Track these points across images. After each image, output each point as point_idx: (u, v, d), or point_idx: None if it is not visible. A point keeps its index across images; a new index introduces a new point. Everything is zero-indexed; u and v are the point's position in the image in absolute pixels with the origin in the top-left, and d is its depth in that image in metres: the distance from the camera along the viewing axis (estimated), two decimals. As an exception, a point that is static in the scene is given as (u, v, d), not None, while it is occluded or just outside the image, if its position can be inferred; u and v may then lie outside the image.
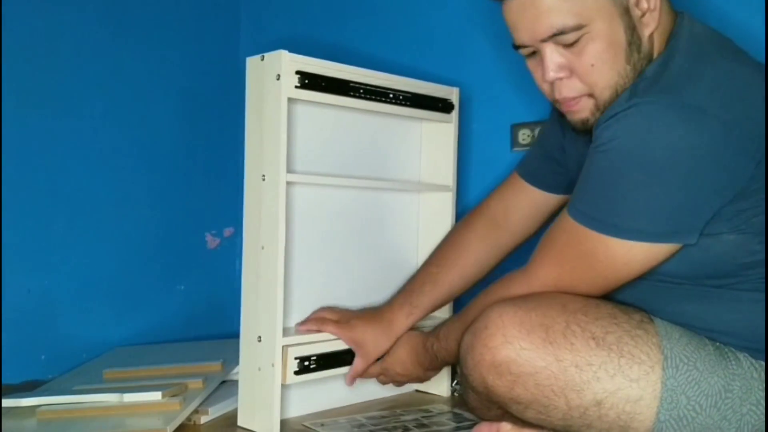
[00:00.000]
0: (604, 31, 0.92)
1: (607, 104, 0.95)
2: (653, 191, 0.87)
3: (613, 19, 0.92)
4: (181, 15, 1.87)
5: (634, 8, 0.93)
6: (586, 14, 0.91)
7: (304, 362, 1.21)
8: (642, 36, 0.94)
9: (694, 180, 0.86)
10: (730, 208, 0.88)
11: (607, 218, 0.91)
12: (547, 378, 0.92)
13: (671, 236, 0.90)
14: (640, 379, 0.91)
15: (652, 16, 0.93)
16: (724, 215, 0.89)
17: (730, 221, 0.89)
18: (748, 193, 0.88)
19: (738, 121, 0.85)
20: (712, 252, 0.91)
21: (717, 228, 0.90)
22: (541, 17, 0.93)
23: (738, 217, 0.89)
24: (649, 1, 0.93)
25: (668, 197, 0.87)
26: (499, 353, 0.93)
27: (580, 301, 0.97)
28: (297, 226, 1.29)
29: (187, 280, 1.87)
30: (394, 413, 1.30)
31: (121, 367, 1.45)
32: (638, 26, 0.93)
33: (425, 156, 1.51)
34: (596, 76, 0.94)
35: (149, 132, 1.79)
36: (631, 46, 0.93)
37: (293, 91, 1.18)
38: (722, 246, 0.91)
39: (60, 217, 1.62)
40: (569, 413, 0.93)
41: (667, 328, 0.95)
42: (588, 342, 0.92)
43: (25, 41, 1.56)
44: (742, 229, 0.90)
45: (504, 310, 0.95)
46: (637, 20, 0.93)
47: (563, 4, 0.91)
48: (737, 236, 0.90)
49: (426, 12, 1.68)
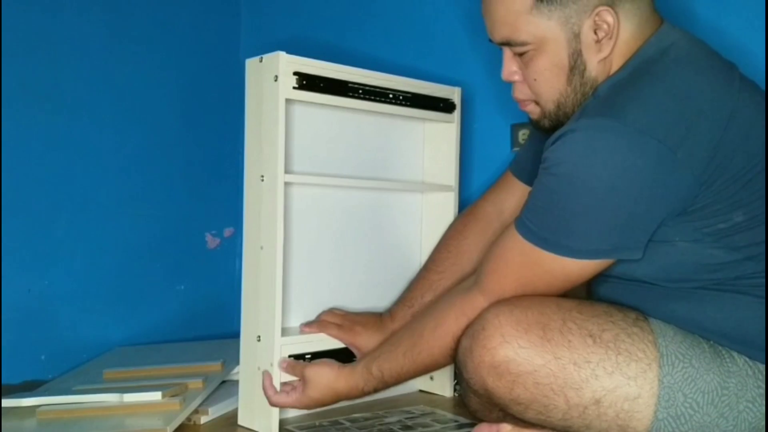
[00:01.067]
0: (548, 53, 0.97)
1: (552, 114, 1.02)
2: (597, 214, 0.90)
3: (558, 43, 0.96)
4: (182, 16, 1.87)
5: (587, 33, 0.96)
6: (534, 33, 0.97)
7: (300, 360, 1.21)
8: (587, 61, 0.97)
9: (637, 201, 0.88)
10: (678, 220, 0.91)
11: (553, 238, 0.93)
12: (546, 376, 0.92)
13: (613, 252, 0.93)
14: (638, 376, 0.91)
15: (607, 44, 0.96)
16: (671, 225, 0.91)
17: (680, 232, 0.92)
18: (694, 211, 0.90)
19: (683, 143, 0.86)
20: (672, 257, 0.94)
21: (668, 235, 0.92)
22: (495, 25, 1.00)
23: (687, 228, 0.91)
24: (606, 30, 0.95)
25: (611, 219, 0.90)
26: (498, 353, 0.94)
27: (574, 300, 0.99)
28: (297, 227, 1.30)
29: (187, 280, 1.87)
30: (377, 415, 1.30)
31: (121, 367, 1.45)
32: (585, 52, 0.96)
33: (428, 156, 1.51)
34: (538, 89, 1.01)
35: (150, 132, 1.79)
36: (573, 70, 0.98)
37: (291, 92, 1.19)
38: (679, 252, 0.93)
39: (60, 217, 1.62)
40: (569, 413, 0.94)
41: (662, 327, 0.96)
42: (585, 339, 0.93)
43: (25, 41, 1.56)
44: (696, 239, 0.92)
45: (500, 311, 0.96)
46: (586, 46, 0.96)
47: (513, 20, 0.97)
48: (692, 244, 0.92)
49: (426, 12, 1.69)
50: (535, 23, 0.96)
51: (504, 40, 1.00)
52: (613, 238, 0.91)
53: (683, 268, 0.95)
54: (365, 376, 1.13)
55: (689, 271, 0.95)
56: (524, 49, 0.98)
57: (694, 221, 0.91)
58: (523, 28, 0.97)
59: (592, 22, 0.95)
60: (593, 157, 0.88)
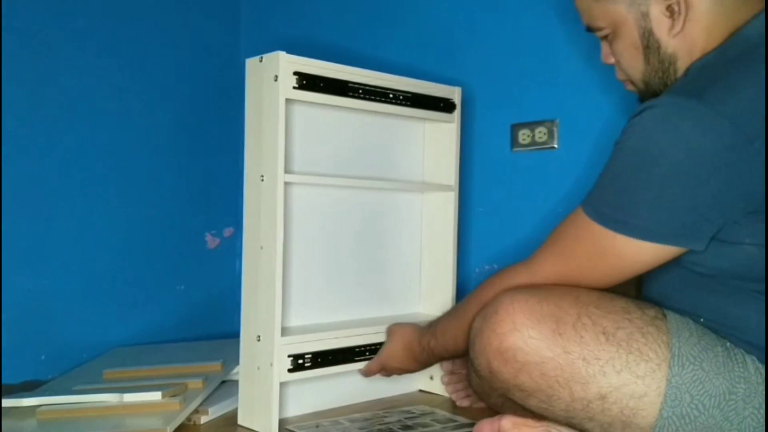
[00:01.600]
0: (622, 35, 1.02)
1: (644, 93, 1.05)
2: (664, 191, 0.88)
3: (628, 25, 1.01)
4: (182, 16, 1.87)
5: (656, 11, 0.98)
6: (605, 18, 1.03)
7: (298, 360, 1.21)
8: (660, 39, 0.99)
9: (703, 185, 0.86)
10: (748, 219, 0.88)
11: (617, 215, 0.92)
12: (553, 369, 0.92)
13: (679, 239, 0.90)
14: (646, 376, 0.91)
15: (678, 19, 0.97)
16: (743, 226, 0.89)
17: (752, 233, 0.89)
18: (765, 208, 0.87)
19: (761, 134, 0.84)
20: (737, 260, 0.91)
21: (737, 236, 0.90)
22: (581, 14, 1.08)
23: (759, 229, 0.88)
24: (675, 6, 0.96)
25: (675, 199, 0.88)
26: (507, 340, 0.94)
27: (594, 294, 0.97)
28: (297, 227, 1.30)
29: (187, 280, 1.87)
30: (377, 415, 1.30)
31: (121, 367, 1.45)
32: (657, 30, 0.99)
33: (428, 156, 1.51)
34: (626, 69, 1.06)
35: (149, 132, 1.79)
36: (648, 49, 1.01)
37: (291, 92, 1.18)
38: (745, 256, 0.91)
39: (60, 217, 1.62)
40: (572, 405, 0.93)
41: (679, 326, 0.95)
42: (598, 336, 0.92)
43: (25, 41, 1.56)
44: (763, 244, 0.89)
45: (516, 297, 0.95)
46: (657, 24, 0.98)
47: (589, 8, 1.05)
48: (759, 249, 0.89)
49: (426, 12, 1.69)
50: (605, 9, 1.02)
51: (588, 27, 1.07)
52: (676, 221, 0.89)
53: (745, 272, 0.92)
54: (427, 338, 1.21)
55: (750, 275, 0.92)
56: (603, 33, 1.05)
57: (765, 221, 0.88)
58: (596, 14, 1.03)
59: (658, 1, 0.97)
60: (664, 132, 0.87)
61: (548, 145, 1.49)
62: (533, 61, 1.50)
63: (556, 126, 1.47)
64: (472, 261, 1.60)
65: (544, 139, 1.49)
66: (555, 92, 1.46)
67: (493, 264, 1.57)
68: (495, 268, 1.57)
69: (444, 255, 1.47)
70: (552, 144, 1.48)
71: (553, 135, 1.48)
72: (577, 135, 1.44)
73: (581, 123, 1.42)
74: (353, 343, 1.30)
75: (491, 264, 1.58)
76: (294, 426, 1.22)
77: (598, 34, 1.06)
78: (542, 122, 1.49)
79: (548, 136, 1.49)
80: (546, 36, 1.47)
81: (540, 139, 1.50)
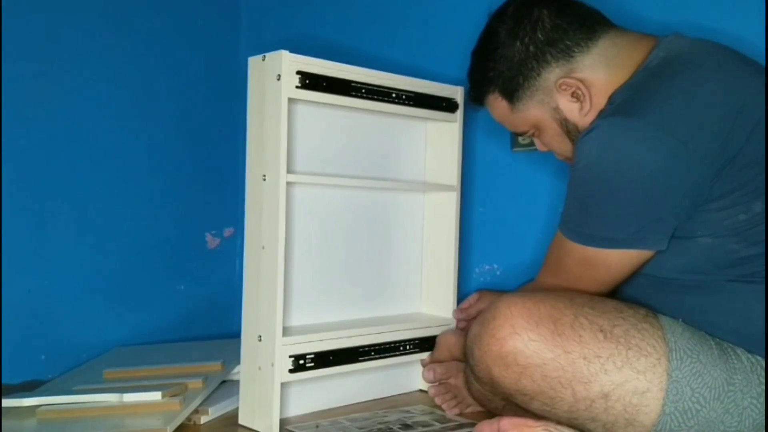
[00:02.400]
0: (544, 129, 1.15)
1: None
2: (617, 203, 0.97)
3: (546, 121, 1.13)
4: (182, 15, 1.87)
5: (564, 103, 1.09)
6: (526, 123, 1.16)
7: (299, 360, 1.21)
8: (576, 121, 1.10)
9: (651, 190, 0.94)
10: (699, 214, 0.95)
11: (585, 231, 1.02)
12: (554, 370, 0.93)
13: (639, 243, 0.98)
14: (647, 371, 0.92)
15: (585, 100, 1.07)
16: (695, 220, 0.96)
17: (703, 225, 0.96)
18: (714, 200, 0.94)
19: (693, 135, 0.92)
20: (693, 253, 0.98)
21: (691, 230, 0.97)
22: (506, 126, 1.21)
23: (709, 221, 0.95)
24: (578, 92, 1.06)
25: (630, 207, 0.96)
26: (507, 344, 0.94)
27: (586, 296, 1.01)
28: (299, 226, 1.29)
29: (187, 280, 1.87)
30: (376, 414, 1.30)
31: (121, 367, 1.45)
32: (570, 116, 1.10)
33: (430, 156, 1.51)
34: (559, 152, 1.19)
35: (149, 132, 1.79)
36: (569, 132, 1.12)
37: (294, 91, 1.18)
38: (700, 248, 0.97)
39: (60, 217, 1.62)
40: (575, 405, 0.94)
41: (670, 323, 0.97)
42: (596, 334, 0.94)
43: (25, 41, 1.56)
44: (718, 233, 0.96)
45: (512, 302, 0.97)
46: (569, 111, 1.09)
47: (508, 120, 1.18)
48: (713, 239, 0.96)
49: (429, 11, 1.68)
50: (522, 116, 1.15)
51: (515, 133, 1.22)
52: (635, 226, 0.97)
53: (703, 264, 0.98)
54: None
55: (709, 266, 0.98)
56: (529, 134, 1.18)
57: (715, 212, 0.94)
58: (517, 122, 1.17)
59: (562, 94, 1.08)
60: (608, 150, 0.96)
61: (549, 146, 1.49)
62: (534, 61, 1.50)
63: (557, 126, 1.47)
64: (473, 261, 1.60)
65: (545, 140, 1.49)
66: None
67: (493, 264, 1.57)
68: (495, 268, 1.57)
69: (445, 255, 1.47)
70: (553, 144, 1.48)
71: (555, 135, 1.48)
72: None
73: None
74: (355, 344, 1.30)
75: (492, 264, 1.58)
76: (294, 426, 1.22)
77: (526, 135, 1.19)
78: (543, 122, 1.49)
79: (549, 136, 1.48)
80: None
81: (541, 140, 1.50)
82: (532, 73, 1.08)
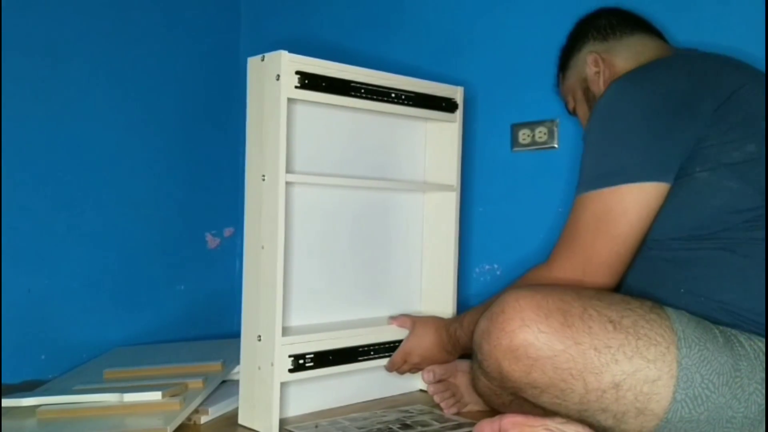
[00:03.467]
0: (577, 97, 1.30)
1: None
2: (625, 138, 1.05)
3: (576, 89, 1.30)
4: (182, 15, 1.87)
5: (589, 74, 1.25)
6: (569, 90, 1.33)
7: (299, 360, 1.21)
8: (594, 90, 1.25)
9: (656, 122, 1.03)
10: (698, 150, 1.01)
11: (598, 172, 1.06)
12: (566, 361, 0.93)
13: (651, 174, 1.03)
14: (657, 359, 0.92)
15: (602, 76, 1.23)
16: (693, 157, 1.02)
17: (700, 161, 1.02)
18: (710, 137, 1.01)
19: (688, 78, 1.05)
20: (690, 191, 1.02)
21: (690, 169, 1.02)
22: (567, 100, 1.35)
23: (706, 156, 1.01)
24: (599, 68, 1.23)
25: (639, 139, 1.04)
26: (517, 337, 0.94)
27: (593, 290, 1.02)
28: (298, 226, 1.29)
29: (187, 280, 1.87)
30: (375, 414, 1.30)
31: (121, 367, 1.45)
32: (592, 85, 1.25)
33: (429, 155, 1.51)
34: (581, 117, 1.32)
35: (149, 132, 1.79)
36: (588, 100, 1.28)
37: (293, 91, 1.18)
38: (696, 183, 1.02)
39: (60, 217, 1.62)
40: (586, 396, 0.94)
41: (677, 313, 0.98)
42: (605, 325, 0.94)
43: (25, 41, 1.56)
44: (713, 167, 1.01)
45: (520, 295, 0.97)
46: (591, 82, 1.25)
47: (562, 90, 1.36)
48: (709, 174, 1.01)
49: (428, 11, 1.69)
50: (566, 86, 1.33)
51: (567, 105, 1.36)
52: (645, 157, 1.03)
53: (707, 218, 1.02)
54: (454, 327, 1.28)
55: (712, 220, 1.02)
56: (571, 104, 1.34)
57: (711, 148, 1.01)
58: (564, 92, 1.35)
59: (590, 67, 1.25)
60: (616, 95, 1.09)
61: (548, 145, 1.49)
62: (534, 61, 1.51)
63: (556, 126, 1.48)
64: (472, 261, 1.60)
65: (544, 139, 1.49)
66: (555, 92, 1.46)
67: (493, 264, 1.58)
68: (495, 268, 1.57)
69: (445, 255, 1.47)
70: (552, 144, 1.48)
71: (553, 135, 1.48)
72: (577, 135, 1.44)
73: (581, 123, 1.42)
74: (354, 343, 1.30)
75: (492, 264, 1.58)
76: (293, 426, 1.22)
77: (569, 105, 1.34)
78: (542, 122, 1.49)
79: (548, 136, 1.49)
80: (546, 36, 1.47)
81: (540, 139, 1.50)
82: (575, 48, 1.29)
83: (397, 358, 1.35)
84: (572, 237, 1.09)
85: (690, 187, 1.02)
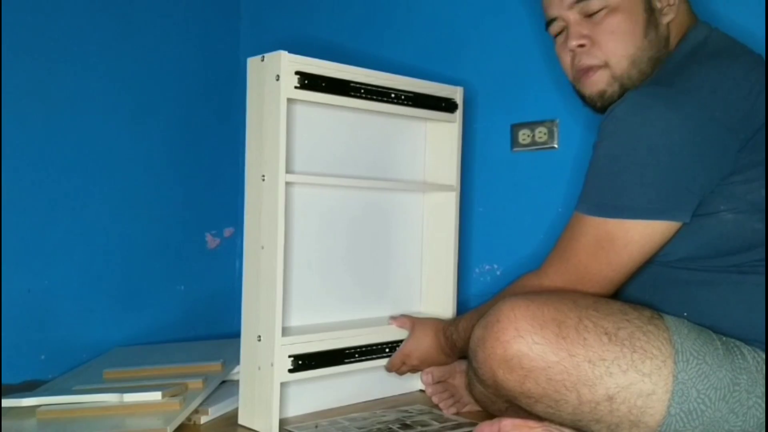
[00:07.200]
0: (624, 8, 1.05)
1: (623, 77, 1.07)
2: (645, 170, 0.95)
3: None
4: (182, 15, 1.87)
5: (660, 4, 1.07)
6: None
7: (299, 360, 1.21)
8: (659, 20, 1.06)
9: (680, 155, 0.93)
10: (723, 186, 0.95)
11: (605, 201, 0.98)
12: (559, 373, 0.92)
13: (664, 213, 0.96)
14: (653, 373, 0.91)
15: (671, 9, 1.06)
16: (718, 193, 0.95)
17: (727, 199, 0.95)
18: (738, 171, 0.94)
19: (719, 105, 0.93)
20: (714, 231, 0.96)
21: (713, 206, 0.96)
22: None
23: (733, 194, 0.95)
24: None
25: (657, 173, 0.94)
26: (511, 347, 0.94)
27: (590, 298, 0.99)
28: (298, 227, 1.29)
29: (187, 280, 1.87)
30: (375, 414, 1.30)
31: (121, 367, 1.45)
32: (657, 11, 1.06)
33: (429, 156, 1.51)
34: (614, 44, 1.07)
35: (149, 132, 1.79)
36: (649, 24, 1.06)
37: (293, 91, 1.18)
38: (722, 225, 0.96)
39: (60, 217, 1.62)
40: (580, 408, 0.94)
41: (677, 324, 0.96)
42: (601, 337, 0.93)
43: (25, 41, 1.56)
44: (740, 209, 0.95)
45: (516, 304, 0.96)
46: (656, 7, 1.06)
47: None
48: (735, 215, 0.95)
49: (428, 11, 1.69)
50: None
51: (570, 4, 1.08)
52: (661, 194, 0.95)
53: (722, 243, 0.97)
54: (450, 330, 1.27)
55: (728, 246, 0.97)
56: (603, 3, 1.06)
57: (739, 185, 0.95)
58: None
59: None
60: (635, 115, 0.95)
61: (548, 145, 1.49)
62: (533, 61, 1.50)
63: (556, 126, 1.48)
64: (472, 261, 1.60)
65: (544, 139, 1.49)
66: (555, 92, 1.46)
67: (493, 264, 1.58)
68: (495, 268, 1.57)
69: (445, 255, 1.47)
70: (552, 144, 1.48)
71: (553, 135, 1.48)
72: (577, 135, 1.44)
73: (581, 123, 1.43)
74: (354, 344, 1.30)
75: (491, 264, 1.58)
76: (293, 426, 1.22)
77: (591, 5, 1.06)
78: (542, 122, 1.49)
79: (548, 136, 1.49)
80: (546, 36, 1.46)
81: (540, 139, 1.50)
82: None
83: (396, 360, 1.35)
84: (568, 254, 1.04)
85: (714, 228, 0.97)
